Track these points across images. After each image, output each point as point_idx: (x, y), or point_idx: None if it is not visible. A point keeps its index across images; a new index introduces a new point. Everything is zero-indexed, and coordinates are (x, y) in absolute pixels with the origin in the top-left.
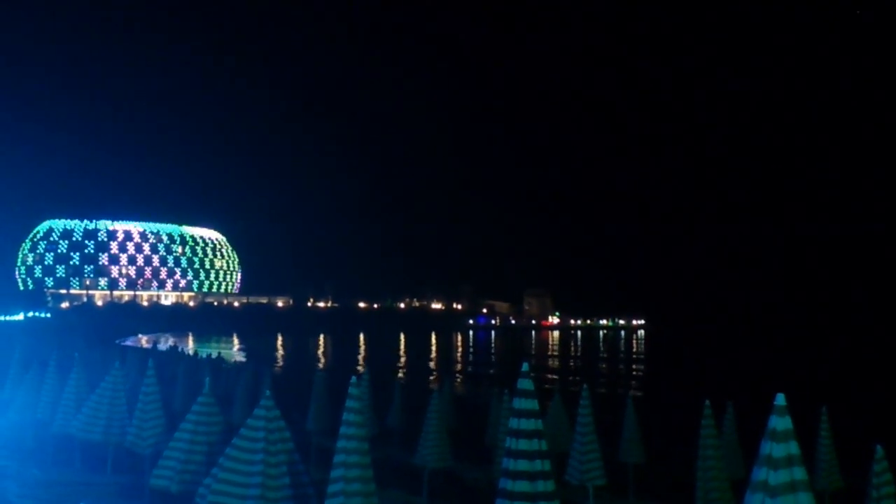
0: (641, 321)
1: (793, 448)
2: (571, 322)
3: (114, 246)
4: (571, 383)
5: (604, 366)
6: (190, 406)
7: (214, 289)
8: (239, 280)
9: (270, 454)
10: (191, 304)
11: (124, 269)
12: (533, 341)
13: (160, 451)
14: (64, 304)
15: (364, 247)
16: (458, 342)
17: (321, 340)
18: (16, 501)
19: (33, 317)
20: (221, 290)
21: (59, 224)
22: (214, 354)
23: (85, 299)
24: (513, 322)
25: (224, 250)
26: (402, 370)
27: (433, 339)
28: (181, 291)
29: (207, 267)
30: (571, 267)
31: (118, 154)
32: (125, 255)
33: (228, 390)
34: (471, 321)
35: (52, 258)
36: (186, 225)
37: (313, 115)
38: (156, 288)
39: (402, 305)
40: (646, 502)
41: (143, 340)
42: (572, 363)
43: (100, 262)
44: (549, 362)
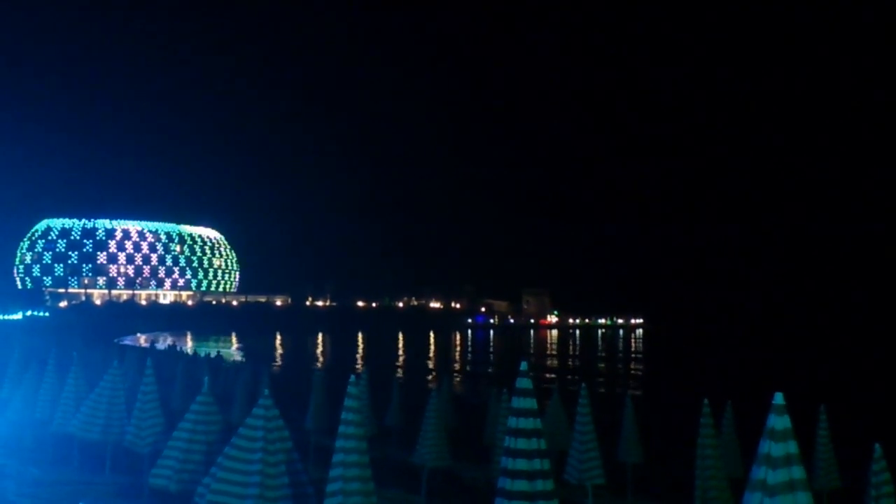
0: (640, 320)
1: (791, 447)
2: (570, 321)
3: (112, 245)
4: (570, 382)
5: (602, 365)
6: (189, 405)
7: (213, 288)
8: (237, 279)
9: (269, 453)
10: (189, 303)
11: (123, 268)
12: (531, 340)
13: (159, 450)
14: (62, 304)
15: (363, 246)
16: (457, 341)
17: (320, 339)
18: (15, 500)
19: (32, 316)
20: (220, 289)
21: (58, 223)
22: (213, 353)
23: (83, 298)
24: (511, 321)
25: (222, 249)
26: (400, 369)
27: (432, 338)
28: (180, 290)
29: (206, 266)
30: (570, 266)
31: (116, 153)
32: (123, 254)
33: (227, 389)
34: (469, 320)
35: (50, 257)
36: (185, 224)
37: (312, 115)
38: (154, 287)
39: (400, 304)
40: (645, 501)
41: (141, 339)
42: (571, 362)
43: (98, 261)
44: (548, 361)
